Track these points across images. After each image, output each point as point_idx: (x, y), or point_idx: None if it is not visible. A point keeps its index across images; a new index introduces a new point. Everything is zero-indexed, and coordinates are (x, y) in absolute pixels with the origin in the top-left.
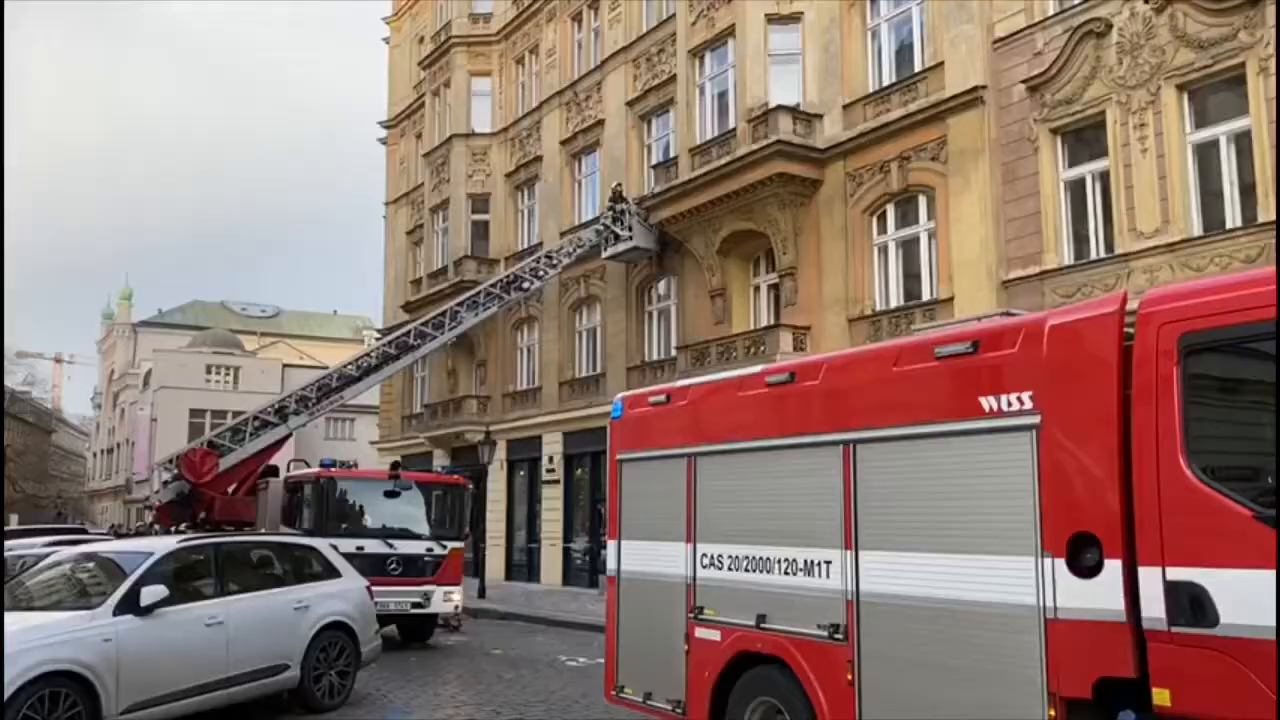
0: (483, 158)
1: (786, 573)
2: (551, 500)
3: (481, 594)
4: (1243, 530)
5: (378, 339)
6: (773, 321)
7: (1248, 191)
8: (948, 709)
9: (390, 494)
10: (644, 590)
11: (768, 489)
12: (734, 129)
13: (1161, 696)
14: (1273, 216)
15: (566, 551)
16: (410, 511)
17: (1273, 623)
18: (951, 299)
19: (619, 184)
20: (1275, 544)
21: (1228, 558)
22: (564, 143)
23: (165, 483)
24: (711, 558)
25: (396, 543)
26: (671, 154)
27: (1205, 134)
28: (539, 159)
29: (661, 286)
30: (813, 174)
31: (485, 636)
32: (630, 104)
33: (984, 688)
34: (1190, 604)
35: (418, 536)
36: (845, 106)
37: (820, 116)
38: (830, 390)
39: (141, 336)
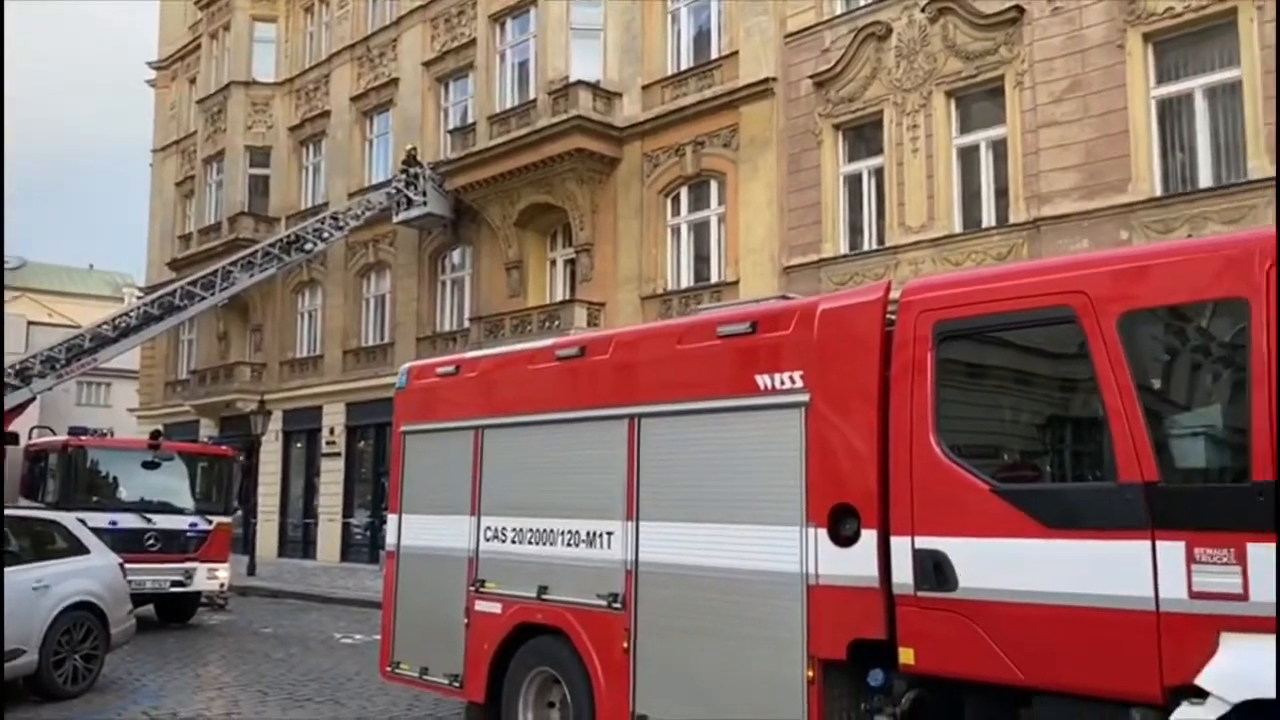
0: (264, 109)
1: (569, 544)
2: (331, 473)
3: (251, 571)
4: (982, 503)
5: (139, 298)
6: (568, 296)
7: (1002, 194)
8: (714, 672)
9: (149, 465)
10: (425, 564)
11: (555, 462)
12: (534, 100)
13: (907, 655)
14: (1023, 219)
15: (346, 526)
16: (172, 484)
17: (1000, 585)
18: (737, 282)
19: (413, 146)
20: (1006, 514)
21: (968, 528)
22: (355, 99)
23: None
24: (495, 531)
25: (156, 517)
26: (470, 120)
27: (968, 139)
28: (327, 114)
29: (456, 255)
30: (611, 152)
31: (254, 615)
32: (427, 65)
33: (749, 650)
34: (934, 569)
35: (180, 511)
36: (644, 87)
37: (620, 95)
38: (618, 365)
39: None
